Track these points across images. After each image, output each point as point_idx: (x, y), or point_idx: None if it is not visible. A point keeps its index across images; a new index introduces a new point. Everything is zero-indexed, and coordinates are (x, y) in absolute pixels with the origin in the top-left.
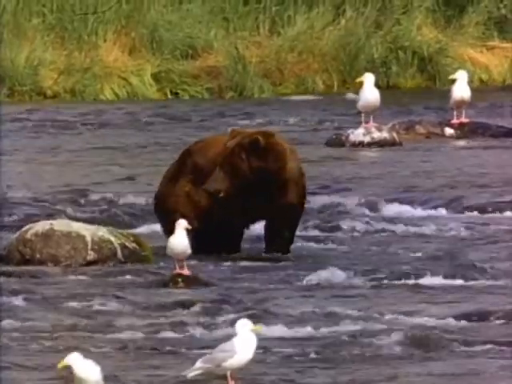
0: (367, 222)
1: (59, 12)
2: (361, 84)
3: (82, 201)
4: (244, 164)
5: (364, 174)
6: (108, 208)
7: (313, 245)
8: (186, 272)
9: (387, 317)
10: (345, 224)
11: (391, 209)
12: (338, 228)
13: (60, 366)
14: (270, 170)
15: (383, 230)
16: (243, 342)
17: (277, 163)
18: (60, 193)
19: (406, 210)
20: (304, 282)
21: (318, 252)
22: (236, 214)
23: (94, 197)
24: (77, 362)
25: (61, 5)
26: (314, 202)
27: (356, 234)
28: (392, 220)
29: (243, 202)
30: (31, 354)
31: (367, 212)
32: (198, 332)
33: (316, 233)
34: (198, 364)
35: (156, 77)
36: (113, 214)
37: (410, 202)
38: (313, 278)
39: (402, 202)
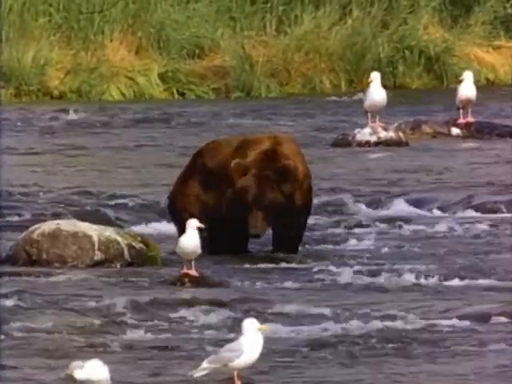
0: (373, 222)
1: (65, 11)
2: (369, 84)
3: (89, 201)
4: (280, 195)
5: (370, 174)
6: (115, 208)
7: (319, 245)
8: (193, 272)
9: (389, 316)
10: (351, 224)
11: (397, 208)
12: (343, 228)
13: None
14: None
15: (388, 230)
16: (250, 342)
17: (290, 175)
18: (67, 193)
19: (412, 209)
20: (310, 281)
21: (324, 252)
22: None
23: (101, 197)
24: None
25: (67, 4)
26: (321, 201)
27: (361, 233)
28: (397, 219)
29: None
30: (37, 354)
31: (373, 211)
32: (204, 332)
33: (322, 232)
34: (205, 364)
35: (163, 76)
36: (119, 214)
37: (416, 202)
38: (319, 278)
39: (407, 201)
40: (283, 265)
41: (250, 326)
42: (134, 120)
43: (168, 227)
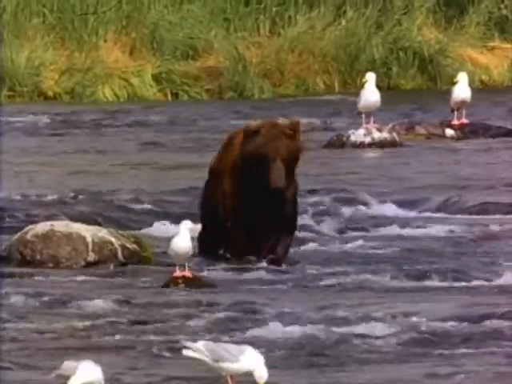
0: (367, 222)
1: (59, 12)
2: (364, 84)
3: (83, 202)
4: (292, 147)
5: (364, 175)
6: (108, 209)
7: (313, 246)
8: (187, 273)
9: (387, 317)
10: (344, 225)
11: (390, 209)
12: (337, 229)
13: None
14: None
15: (383, 231)
16: (250, 357)
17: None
18: (60, 194)
19: (405, 210)
20: (304, 282)
21: (318, 253)
22: None
23: (95, 198)
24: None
25: (61, 5)
26: (314, 202)
27: (355, 234)
28: (392, 220)
29: None
30: (32, 354)
31: (367, 212)
32: (198, 333)
33: (316, 233)
34: (201, 345)
35: (156, 77)
36: (113, 215)
37: (410, 203)
38: (313, 278)
39: (402, 202)
40: (276, 265)
41: (260, 361)
42: (128, 121)
43: (161, 228)
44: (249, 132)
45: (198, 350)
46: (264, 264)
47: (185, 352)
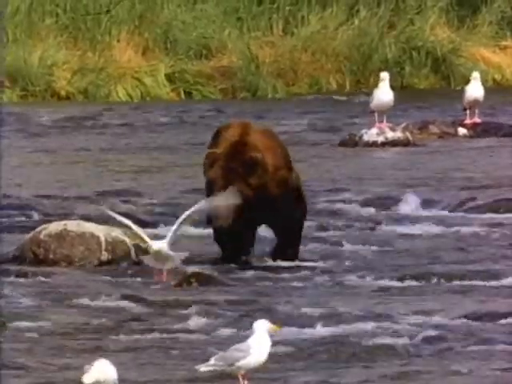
0: (379, 222)
1: (72, 12)
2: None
3: (96, 201)
4: (247, 188)
5: (377, 174)
6: (122, 208)
7: (324, 245)
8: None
9: (389, 316)
10: (356, 224)
11: (403, 208)
12: (349, 228)
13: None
14: None
15: (394, 230)
16: (258, 344)
17: (257, 167)
18: (73, 193)
19: (418, 209)
20: (315, 282)
21: (329, 252)
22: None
23: (108, 197)
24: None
25: (74, 5)
26: (328, 201)
27: (367, 233)
28: (404, 219)
29: None
30: (43, 353)
31: (379, 211)
32: (210, 332)
33: (326, 233)
34: (212, 361)
35: (169, 77)
36: (126, 215)
37: (423, 202)
38: (324, 278)
39: (414, 201)
40: (288, 264)
41: (261, 327)
42: (141, 121)
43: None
44: (212, 156)
45: (212, 365)
46: (273, 262)
47: (202, 369)
